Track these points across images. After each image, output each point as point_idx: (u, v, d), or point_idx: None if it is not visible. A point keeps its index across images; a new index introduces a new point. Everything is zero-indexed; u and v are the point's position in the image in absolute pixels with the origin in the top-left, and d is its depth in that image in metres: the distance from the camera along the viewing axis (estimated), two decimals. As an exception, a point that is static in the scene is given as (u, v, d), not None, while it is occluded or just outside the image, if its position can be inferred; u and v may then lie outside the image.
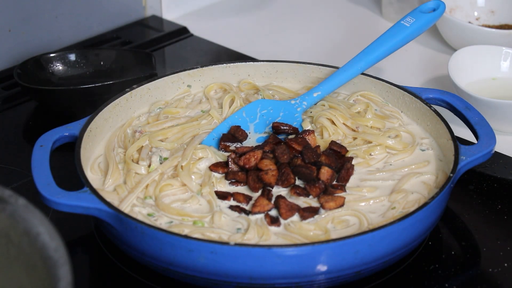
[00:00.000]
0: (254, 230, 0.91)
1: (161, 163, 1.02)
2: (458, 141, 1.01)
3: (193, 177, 1.00)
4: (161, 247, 0.87)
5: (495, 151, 1.06)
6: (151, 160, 1.02)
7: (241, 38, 1.57)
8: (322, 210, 0.95)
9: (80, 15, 1.51)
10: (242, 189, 0.99)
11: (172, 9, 1.64)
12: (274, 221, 0.93)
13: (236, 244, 0.85)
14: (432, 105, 1.10)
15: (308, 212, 0.94)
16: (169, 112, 1.13)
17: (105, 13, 1.55)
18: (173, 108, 1.14)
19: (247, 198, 0.97)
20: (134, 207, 0.95)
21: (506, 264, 0.97)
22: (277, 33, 1.57)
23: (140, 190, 0.97)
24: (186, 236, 0.87)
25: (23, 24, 1.42)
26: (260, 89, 1.18)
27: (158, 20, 1.62)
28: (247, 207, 0.96)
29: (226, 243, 0.85)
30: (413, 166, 1.03)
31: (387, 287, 0.93)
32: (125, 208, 0.94)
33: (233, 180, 1.00)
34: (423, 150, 1.06)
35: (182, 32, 1.57)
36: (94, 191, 0.91)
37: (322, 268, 0.86)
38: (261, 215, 0.94)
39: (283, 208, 0.94)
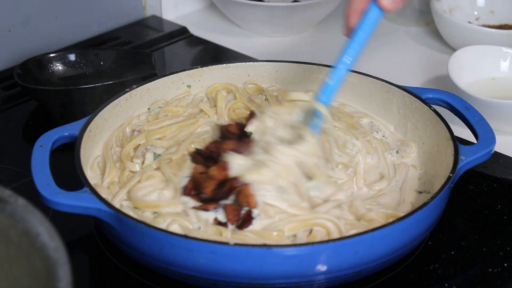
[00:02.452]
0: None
1: (154, 159, 1.02)
2: (458, 141, 1.01)
3: None
4: (161, 247, 0.87)
5: (495, 151, 1.06)
6: (145, 157, 1.02)
7: (241, 38, 1.57)
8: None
9: (80, 15, 1.51)
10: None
11: (172, 9, 1.64)
12: (222, 225, 0.94)
13: (236, 244, 0.85)
14: (432, 105, 1.10)
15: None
16: (169, 111, 1.14)
17: (105, 13, 1.55)
18: (173, 107, 1.14)
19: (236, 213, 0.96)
20: (123, 201, 0.96)
21: (506, 264, 0.97)
22: (277, 33, 1.57)
23: (132, 185, 0.98)
24: (186, 236, 0.87)
25: (23, 24, 1.42)
26: (264, 90, 1.18)
27: (158, 20, 1.62)
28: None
29: (226, 243, 0.85)
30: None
31: (387, 287, 0.94)
32: (116, 203, 0.95)
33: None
34: (420, 193, 1.04)
35: (182, 32, 1.57)
36: (94, 191, 0.91)
37: (322, 268, 0.86)
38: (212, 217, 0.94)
39: (230, 214, 0.94)
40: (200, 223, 0.93)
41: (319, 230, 0.93)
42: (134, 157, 1.03)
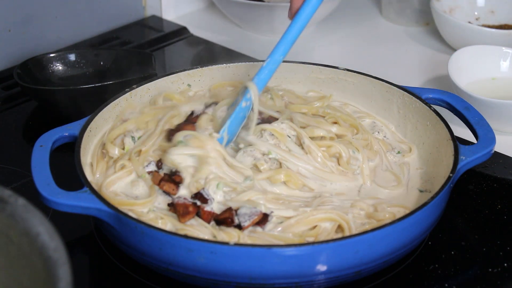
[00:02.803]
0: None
1: (134, 143, 1.04)
2: (458, 141, 1.01)
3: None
4: (161, 247, 0.87)
5: (495, 151, 1.06)
6: (124, 142, 1.03)
7: (241, 38, 1.57)
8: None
9: (80, 15, 1.51)
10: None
11: (172, 9, 1.64)
12: (237, 227, 0.93)
13: (236, 244, 0.85)
14: (432, 105, 1.09)
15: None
16: (171, 97, 1.14)
17: (105, 13, 1.55)
18: (175, 94, 1.15)
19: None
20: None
21: (506, 264, 0.97)
22: (277, 33, 1.57)
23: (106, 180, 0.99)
24: (186, 236, 0.87)
25: (23, 24, 1.42)
26: (270, 89, 1.17)
27: (158, 20, 1.62)
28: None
29: (226, 243, 0.85)
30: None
31: (387, 287, 0.93)
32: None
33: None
34: (421, 192, 1.04)
35: (182, 32, 1.57)
36: (94, 191, 0.91)
37: (322, 268, 0.86)
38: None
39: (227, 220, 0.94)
40: (208, 229, 0.93)
41: (325, 227, 0.94)
42: (114, 144, 1.05)
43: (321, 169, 1.02)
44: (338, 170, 1.03)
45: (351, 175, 1.03)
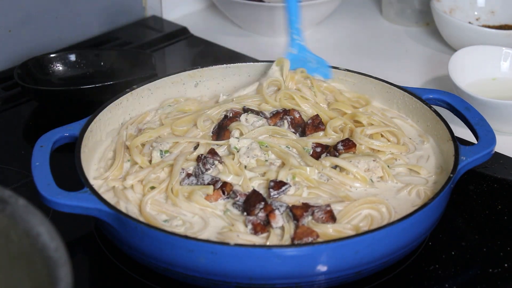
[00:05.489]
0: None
1: (161, 157, 1.02)
2: (458, 142, 1.01)
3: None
4: (161, 247, 0.87)
5: (495, 151, 1.06)
6: (151, 155, 1.02)
7: (241, 38, 1.57)
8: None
9: (80, 15, 1.51)
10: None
11: (172, 9, 1.64)
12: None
13: (236, 244, 0.85)
14: (432, 106, 1.10)
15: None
16: (182, 110, 1.14)
17: (105, 13, 1.55)
18: (185, 105, 1.15)
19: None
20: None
21: (506, 264, 0.97)
22: (277, 33, 1.57)
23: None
24: (186, 237, 0.87)
25: (23, 25, 1.42)
26: (313, 84, 1.17)
27: (158, 20, 1.62)
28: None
29: (226, 243, 0.85)
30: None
31: (387, 287, 0.94)
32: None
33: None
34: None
35: (182, 32, 1.57)
36: (94, 192, 0.91)
37: (322, 268, 0.86)
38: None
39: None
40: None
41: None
42: (141, 153, 1.04)
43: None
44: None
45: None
